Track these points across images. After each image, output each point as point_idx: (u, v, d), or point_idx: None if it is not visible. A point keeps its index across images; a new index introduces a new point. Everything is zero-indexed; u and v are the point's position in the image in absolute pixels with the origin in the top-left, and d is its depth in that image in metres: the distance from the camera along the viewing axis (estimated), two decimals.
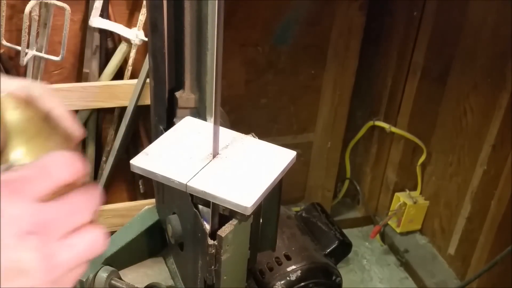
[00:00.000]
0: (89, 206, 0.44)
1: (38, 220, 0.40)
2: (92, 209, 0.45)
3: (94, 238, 0.44)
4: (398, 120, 1.90)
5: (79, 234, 0.43)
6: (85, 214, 0.44)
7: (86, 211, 0.44)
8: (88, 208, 0.44)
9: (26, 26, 1.48)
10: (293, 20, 1.74)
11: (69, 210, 0.43)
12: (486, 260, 1.60)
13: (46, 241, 0.40)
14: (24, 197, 0.40)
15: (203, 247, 0.75)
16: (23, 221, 0.39)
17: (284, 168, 0.75)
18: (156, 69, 0.93)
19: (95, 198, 0.45)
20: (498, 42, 1.57)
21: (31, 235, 0.39)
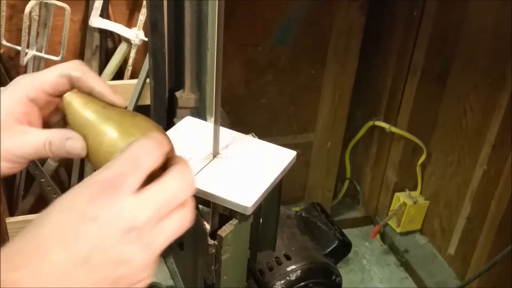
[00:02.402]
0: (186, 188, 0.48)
1: (138, 216, 0.44)
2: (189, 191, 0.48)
3: (183, 217, 0.48)
4: (398, 120, 1.90)
5: (170, 216, 0.46)
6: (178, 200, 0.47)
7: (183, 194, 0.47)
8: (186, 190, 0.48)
9: (26, 26, 1.48)
10: (293, 20, 1.74)
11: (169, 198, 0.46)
12: (486, 260, 1.60)
13: (145, 232, 0.44)
14: (121, 194, 0.44)
15: (203, 247, 0.75)
16: (123, 219, 0.43)
17: (284, 168, 0.75)
18: (156, 69, 0.93)
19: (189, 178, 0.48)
20: (498, 42, 1.57)
21: (129, 233, 0.43)
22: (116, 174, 0.45)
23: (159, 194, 0.46)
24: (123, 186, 0.44)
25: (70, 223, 0.43)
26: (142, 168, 0.46)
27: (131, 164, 0.46)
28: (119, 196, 0.44)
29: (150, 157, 0.47)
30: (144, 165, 0.46)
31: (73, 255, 0.42)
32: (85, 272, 0.42)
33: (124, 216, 0.44)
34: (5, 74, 1.59)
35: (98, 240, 0.43)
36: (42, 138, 0.55)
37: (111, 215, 0.43)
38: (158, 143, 0.48)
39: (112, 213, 0.43)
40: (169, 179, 0.47)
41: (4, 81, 1.58)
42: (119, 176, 0.45)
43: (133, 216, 0.44)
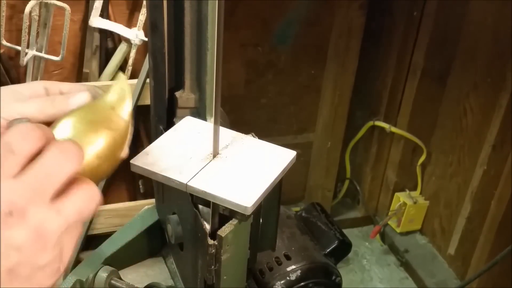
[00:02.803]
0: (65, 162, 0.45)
1: (17, 197, 0.42)
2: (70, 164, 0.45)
3: (84, 199, 0.45)
4: (398, 120, 1.90)
5: (66, 197, 0.44)
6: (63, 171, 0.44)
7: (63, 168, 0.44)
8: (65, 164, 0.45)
9: (26, 26, 1.48)
10: (293, 20, 1.74)
11: (45, 174, 0.43)
12: (486, 260, 1.60)
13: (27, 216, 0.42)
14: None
15: (203, 247, 0.75)
16: (2, 201, 0.41)
17: (284, 168, 0.75)
18: (156, 69, 0.93)
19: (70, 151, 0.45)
20: (498, 42, 1.57)
21: (9, 216, 0.41)
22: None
23: (37, 171, 0.43)
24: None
25: None
26: (17, 153, 0.43)
27: (4, 150, 0.43)
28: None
29: (24, 141, 0.44)
30: (19, 149, 0.43)
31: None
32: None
33: (3, 200, 0.41)
34: (5, 74, 1.59)
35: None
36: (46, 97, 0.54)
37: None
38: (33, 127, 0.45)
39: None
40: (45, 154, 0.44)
41: (4, 81, 1.58)
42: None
43: (11, 198, 0.42)
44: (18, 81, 1.64)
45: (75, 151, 0.46)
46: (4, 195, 0.41)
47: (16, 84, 1.56)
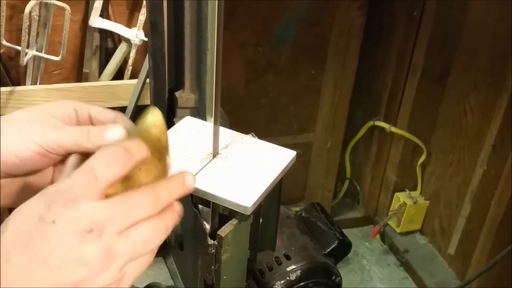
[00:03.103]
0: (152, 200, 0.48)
1: (94, 219, 0.45)
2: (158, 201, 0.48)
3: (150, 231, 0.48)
4: (398, 120, 1.90)
5: (137, 227, 0.47)
6: (147, 208, 0.48)
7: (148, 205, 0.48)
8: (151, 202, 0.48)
9: (26, 26, 1.48)
10: (293, 20, 1.74)
11: (128, 207, 0.46)
12: (486, 260, 1.60)
13: (102, 236, 0.45)
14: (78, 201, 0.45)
15: (203, 247, 0.75)
16: (80, 222, 0.44)
17: (284, 168, 0.75)
18: (156, 69, 0.93)
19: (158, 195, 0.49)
20: (498, 42, 1.57)
21: (88, 232, 0.44)
22: (72, 183, 0.46)
23: (122, 201, 0.46)
24: (79, 195, 0.45)
25: (30, 227, 0.44)
26: (100, 180, 0.46)
27: (86, 175, 0.46)
28: (77, 203, 0.45)
29: (109, 167, 0.46)
30: (102, 175, 0.46)
31: (33, 257, 0.43)
32: (46, 273, 0.43)
33: (83, 217, 0.44)
34: (5, 74, 1.59)
35: (57, 241, 0.44)
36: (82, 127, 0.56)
37: (69, 219, 0.44)
38: (120, 152, 0.47)
39: (70, 217, 0.44)
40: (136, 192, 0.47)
41: (4, 81, 1.58)
42: (75, 184, 0.46)
43: (92, 217, 0.45)
44: (18, 81, 1.64)
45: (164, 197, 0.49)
46: (87, 214, 0.45)
47: (17, 85, 1.56)
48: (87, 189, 0.45)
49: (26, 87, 1.55)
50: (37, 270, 0.43)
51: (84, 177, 0.46)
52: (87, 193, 0.45)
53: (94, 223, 0.44)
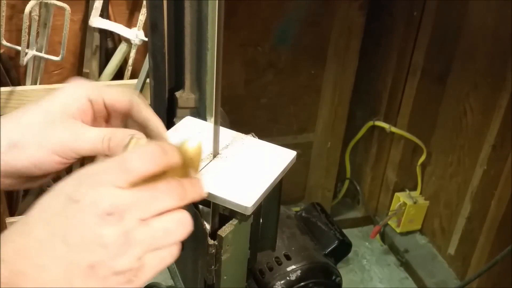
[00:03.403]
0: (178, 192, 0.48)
1: (117, 203, 0.45)
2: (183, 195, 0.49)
3: (173, 222, 0.48)
4: (398, 120, 1.90)
5: (159, 217, 0.47)
6: (172, 200, 0.48)
7: (173, 197, 0.48)
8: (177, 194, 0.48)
9: (26, 26, 1.48)
10: (293, 20, 1.74)
11: (152, 196, 0.47)
12: (486, 260, 1.60)
13: (123, 220, 0.45)
14: (104, 185, 0.46)
15: (203, 247, 0.75)
16: (102, 204, 0.45)
17: (284, 168, 0.75)
18: (156, 69, 0.93)
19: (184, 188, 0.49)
20: (498, 42, 1.57)
21: (109, 215, 0.45)
22: (103, 169, 0.47)
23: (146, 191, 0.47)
24: (107, 180, 0.46)
25: (56, 204, 0.46)
26: (130, 170, 0.46)
27: (118, 163, 0.47)
28: (102, 186, 0.46)
29: (140, 161, 0.47)
30: (133, 168, 0.47)
31: (54, 232, 0.44)
32: (64, 249, 0.44)
33: (106, 200, 0.45)
34: (5, 74, 1.59)
35: (78, 220, 0.44)
36: (101, 133, 0.57)
37: (93, 199, 0.45)
38: (155, 150, 0.48)
39: (94, 197, 0.45)
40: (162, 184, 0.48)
41: (5, 82, 1.58)
42: (105, 171, 0.47)
43: (115, 201, 0.45)
44: (18, 81, 1.64)
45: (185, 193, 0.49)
46: (110, 198, 0.45)
47: (17, 85, 1.56)
48: (116, 177, 0.46)
49: (26, 87, 1.55)
50: (57, 246, 0.44)
51: (116, 165, 0.47)
52: (115, 180, 0.46)
53: (116, 207, 0.45)
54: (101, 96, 0.59)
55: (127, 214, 0.45)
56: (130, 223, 0.45)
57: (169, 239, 0.48)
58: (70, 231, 0.44)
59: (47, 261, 0.44)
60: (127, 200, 0.46)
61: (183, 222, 0.49)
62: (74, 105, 0.58)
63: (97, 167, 0.47)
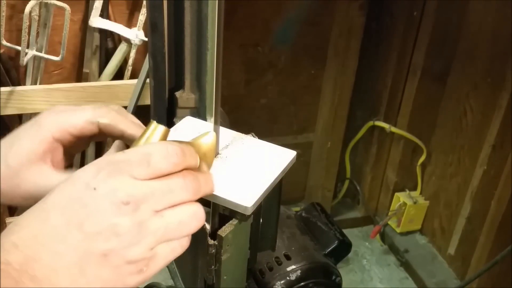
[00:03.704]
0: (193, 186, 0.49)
1: (133, 193, 0.46)
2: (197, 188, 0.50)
3: (187, 214, 0.49)
4: (398, 120, 1.90)
5: (173, 209, 0.48)
6: (187, 193, 0.49)
7: (188, 190, 0.49)
8: (192, 187, 0.49)
9: (26, 26, 1.48)
10: (293, 20, 1.74)
11: (168, 188, 0.47)
12: (486, 260, 1.60)
13: (138, 210, 0.45)
14: (124, 175, 0.46)
15: (203, 247, 0.75)
16: (120, 192, 0.45)
17: (284, 168, 0.75)
18: (156, 69, 0.93)
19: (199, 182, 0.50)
20: (498, 42, 1.57)
21: (125, 205, 0.45)
22: (125, 159, 0.47)
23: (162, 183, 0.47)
24: (126, 170, 0.46)
25: (74, 191, 0.46)
26: (152, 166, 0.47)
27: (141, 156, 0.48)
28: (122, 176, 0.46)
29: (163, 160, 0.48)
30: (155, 163, 0.47)
31: (70, 218, 0.45)
32: (79, 237, 0.44)
33: (123, 189, 0.45)
34: (5, 74, 1.59)
35: (94, 208, 0.45)
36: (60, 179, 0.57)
37: (111, 187, 0.45)
38: (178, 152, 0.49)
39: (112, 186, 0.45)
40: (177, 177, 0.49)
41: (4, 81, 1.58)
42: (126, 162, 0.47)
43: (132, 190, 0.46)
44: (18, 81, 1.64)
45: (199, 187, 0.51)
46: (127, 188, 0.46)
47: (17, 85, 1.56)
48: (136, 169, 0.46)
49: (26, 87, 1.55)
50: (72, 233, 0.44)
51: (138, 157, 0.47)
52: (134, 172, 0.46)
53: (132, 197, 0.45)
54: (67, 131, 0.59)
55: (142, 204, 0.46)
56: (145, 213, 0.46)
57: (182, 231, 0.49)
58: (86, 219, 0.44)
59: (62, 248, 0.44)
60: (144, 191, 0.46)
61: (196, 215, 0.50)
62: (40, 147, 0.58)
63: (119, 156, 0.48)
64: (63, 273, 0.43)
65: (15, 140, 0.59)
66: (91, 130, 0.60)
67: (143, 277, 0.47)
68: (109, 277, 0.45)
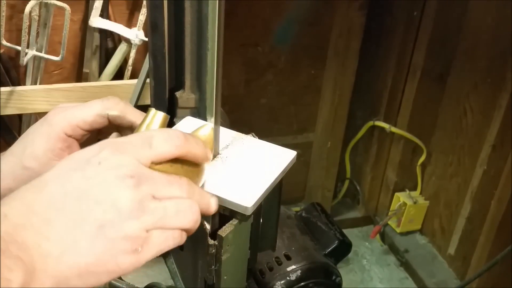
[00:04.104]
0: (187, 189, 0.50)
1: (137, 171, 0.46)
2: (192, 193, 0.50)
3: (184, 206, 0.49)
4: (398, 120, 1.90)
5: (170, 199, 0.48)
6: (182, 191, 0.49)
7: (183, 189, 0.49)
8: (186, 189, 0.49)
9: (26, 26, 1.48)
10: (293, 20, 1.74)
11: (167, 181, 0.48)
12: (486, 260, 1.60)
13: (140, 187, 0.46)
14: (127, 154, 0.46)
15: (203, 247, 0.75)
16: (124, 168, 0.45)
17: (284, 168, 0.75)
18: (156, 69, 0.93)
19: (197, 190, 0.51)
20: (498, 42, 1.57)
21: (129, 179, 0.45)
22: (128, 140, 0.48)
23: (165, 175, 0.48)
24: (130, 151, 0.47)
25: (75, 166, 0.46)
26: (154, 148, 0.48)
27: (143, 139, 0.48)
28: (125, 154, 0.46)
29: (165, 142, 0.48)
30: (156, 146, 0.48)
31: (70, 189, 0.44)
32: (76, 206, 0.43)
33: (128, 166, 0.46)
34: (5, 74, 1.59)
35: (97, 180, 0.45)
36: None
37: (114, 163, 0.45)
38: (180, 135, 0.50)
39: (116, 162, 0.46)
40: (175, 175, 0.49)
41: (5, 82, 1.58)
42: (130, 142, 0.48)
43: (136, 168, 0.46)
44: (18, 81, 1.64)
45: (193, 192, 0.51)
46: (132, 164, 0.46)
47: (17, 85, 1.56)
48: (139, 150, 0.47)
49: (26, 87, 1.54)
50: (69, 202, 0.44)
51: (141, 139, 0.48)
52: (137, 153, 0.47)
53: (136, 173, 0.46)
54: (78, 127, 0.59)
55: (144, 184, 0.46)
56: (145, 193, 0.46)
57: (178, 220, 0.48)
58: (86, 191, 0.44)
59: (56, 215, 0.43)
60: (146, 173, 0.46)
61: (192, 209, 0.50)
62: (57, 146, 0.58)
63: (121, 139, 0.48)
64: (54, 241, 0.42)
65: (28, 142, 0.59)
66: (101, 123, 0.60)
67: (136, 260, 0.46)
68: (102, 251, 0.43)
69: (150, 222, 0.46)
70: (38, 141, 0.58)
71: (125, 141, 0.48)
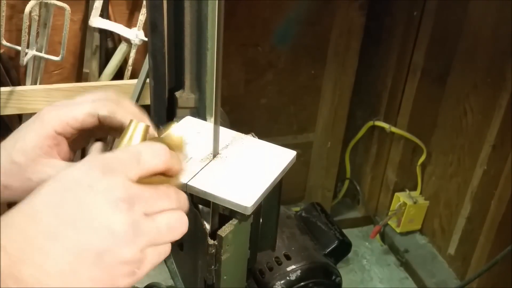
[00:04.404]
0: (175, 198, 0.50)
1: (128, 192, 0.46)
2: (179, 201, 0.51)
3: (175, 219, 0.49)
4: (398, 120, 1.90)
5: (162, 213, 0.48)
6: (171, 202, 0.49)
7: (172, 200, 0.50)
8: (175, 198, 0.50)
9: (26, 26, 1.48)
10: (293, 20, 1.74)
11: (156, 194, 0.48)
12: (486, 260, 1.60)
13: (133, 210, 0.46)
14: (116, 174, 0.46)
15: (203, 247, 0.75)
16: (116, 191, 0.45)
17: (284, 168, 0.75)
18: (156, 69, 0.93)
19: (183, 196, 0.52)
20: (498, 42, 1.57)
21: (122, 202, 0.45)
22: (117, 158, 0.48)
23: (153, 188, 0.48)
24: (120, 170, 0.46)
25: (65, 189, 0.45)
26: (142, 164, 0.48)
27: (131, 155, 0.48)
28: (116, 175, 0.46)
29: (152, 158, 0.49)
30: (144, 162, 0.48)
31: (64, 217, 0.44)
32: (73, 235, 0.43)
33: (120, 187, 0.45)
34: (5, 74, 1.59)
35: (90, 206, 0.44)
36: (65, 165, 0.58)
37: (106, 186, 0.45)
38: (165, 150, 0.50)
39: (107, 184, 0.45)
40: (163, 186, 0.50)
41: (4, 81, 1.58)
42: (118, 160, 0.47)
43: (127, 189, 0.46)
44: (18, 81, 1.64)
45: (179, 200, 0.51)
46: (123, 186, 0.46)
47: (17, 85, 1.56)
48: (128, 167, 0.47)
49: (26, 87, 1.55)
50: (66, 231, 0.43)
51: (128, 155, 0.48)
52: (127, 170, 0.47)
53: (128, 195, 0.45)
54: (68, 125, 0.59)
55: (136, 205, 0.46)
56: (138, 214, 0.46)
57: (170, 235, 0.49)
58: (81, 217, 0.44)
59: (54, 248, 0.43)
60: (137, 192, 0.46)
61: (182, 221, 0.50)
62: (45, 143, 0.58)
63: (109, 156, 0.48)
64: (54, 274, 0.42)
65: (19, 137, 0.59)
66: (92, 123, 0.59)
67: (133, 280, 0.46)
68: (101, 278, 0.44)
69: (145, 242, 0.46)
70: (28, 136, 0.58)
71: (113, 158, 0.47)
